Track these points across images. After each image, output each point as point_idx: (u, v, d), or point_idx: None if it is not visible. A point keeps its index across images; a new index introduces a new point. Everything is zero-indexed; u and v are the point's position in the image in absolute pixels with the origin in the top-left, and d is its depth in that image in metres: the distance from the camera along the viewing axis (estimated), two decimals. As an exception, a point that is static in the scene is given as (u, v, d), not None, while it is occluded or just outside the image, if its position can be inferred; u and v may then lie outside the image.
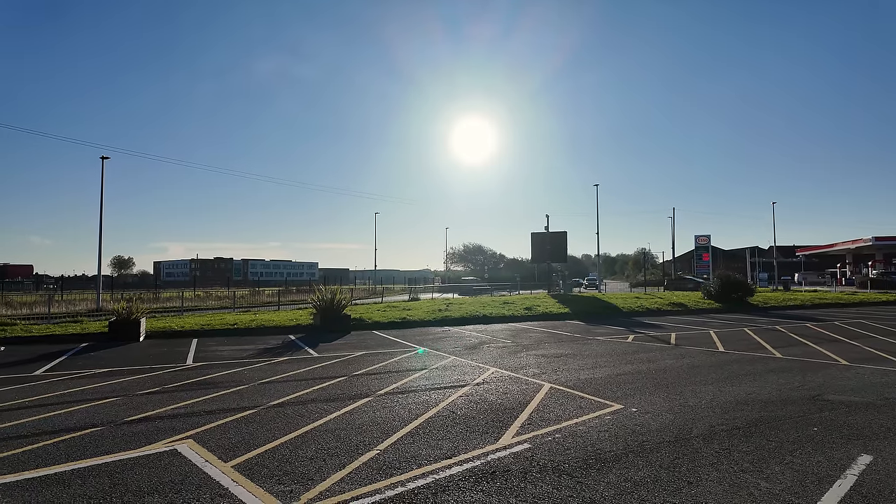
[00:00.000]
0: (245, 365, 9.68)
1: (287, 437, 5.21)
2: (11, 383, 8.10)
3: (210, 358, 10.56)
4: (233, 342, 13.06)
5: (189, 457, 4.67)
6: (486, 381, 8.02)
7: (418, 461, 4.50)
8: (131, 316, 13.40)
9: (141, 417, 6.01)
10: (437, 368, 9.13)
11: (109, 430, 5.51)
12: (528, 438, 5.11)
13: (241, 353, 11.27)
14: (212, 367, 9.42)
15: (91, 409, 6.40)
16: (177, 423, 5.80)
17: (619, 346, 11.86)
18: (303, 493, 3.85)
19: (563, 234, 34.95)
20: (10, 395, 7.23)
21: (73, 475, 4.25)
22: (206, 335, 14.34)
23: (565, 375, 8.41)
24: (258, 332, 15.02)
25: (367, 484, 4.01)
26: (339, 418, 5.92)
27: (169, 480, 4.12)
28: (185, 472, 4.29)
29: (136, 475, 4.23)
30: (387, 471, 4.28)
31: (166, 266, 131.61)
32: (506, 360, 10.05)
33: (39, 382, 8.18)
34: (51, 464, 4.51)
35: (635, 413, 6.07)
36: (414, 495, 3.79)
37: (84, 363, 9.99)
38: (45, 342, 12.92)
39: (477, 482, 4.02)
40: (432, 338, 13.74)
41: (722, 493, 3.81)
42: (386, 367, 9.37)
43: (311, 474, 4.22)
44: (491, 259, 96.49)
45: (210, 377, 8.49)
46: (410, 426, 5.56)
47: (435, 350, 11.45)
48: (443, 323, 17.41)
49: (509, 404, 6.51)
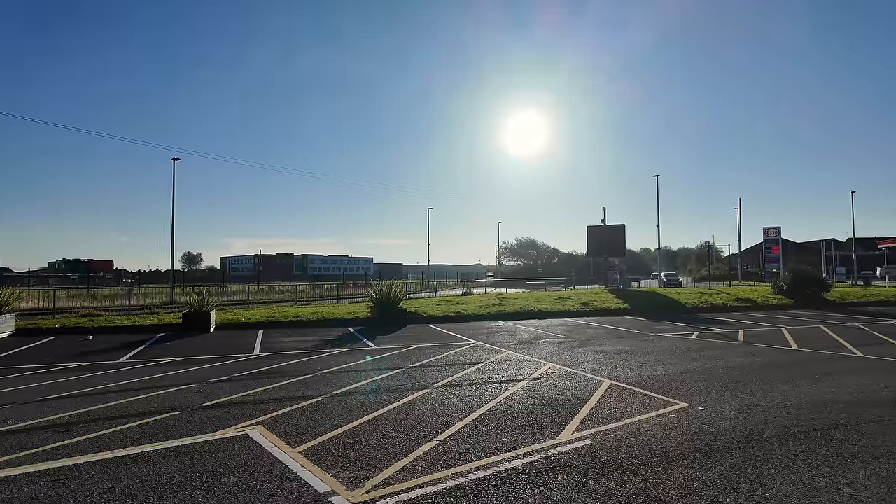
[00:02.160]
0: (308, 355, 10.05)
1: (350, 426, 5.38)
2: (100, 369, 8.80)
3: (275, 348, 11.04)
4: (296, 333, 13.59)
5: (259, 441, 4.91)
6: (543, 376, 7.94)
7: (478, 453, 4.53)
8: (202, 308, 14.23)
9: (215, 403, 6.38)
10: (492, 362, 9.14)
11: (187, 415, 5.88)
12: (589, 435, 5.03)
13: (304, 343, 11.71)
14: (277, 358, 9.84)
15: (170, 395, 6.86)
16: (247, 409, 6.11)
17: (683, 343, 11.43)
18: (367, 479, 3.97)
19: (621, 227, 33.95)
20: (99, 380, 7.86)
21: (157, 455, 4.58)
22: (271, 327, 15.00)
23: (626, 372, 8.20)
24: (319, 325, 15.55)
25: (428, 473, 4.08)
26: (399, 409, 6.04)
27: (242, 463, 4.36)
28: (256, 456, 4.52)
29: (212, 457, 4.51)
30: (447, 461, 4.34)
31: (232, 262, 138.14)
32: (563, 355, 9.92)
33: (124, 369, 8.83)
34: (138, 444, 4.87)
35: (702, 412, 5.84)
36: (475, 486, 3.83)
37: (161, 352, 10.70)
38: (127, 332, 13.93)
39: (538, 476, 4.01)
40: (486, 332, 13.74)
41: (799, 496, 3.62)
42: (442, 359, 9.47)
43: (374, 462, 4.35)
44: (544, 253, 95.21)
45: (276, 367, 8.88)
46: (469, 418, 5.60)
47: (490, 344, 11.45)
48: (497, 318, 17.37)
49: (568, 400, 6.43)
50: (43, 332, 13.74)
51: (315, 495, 3.69)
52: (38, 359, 9.87)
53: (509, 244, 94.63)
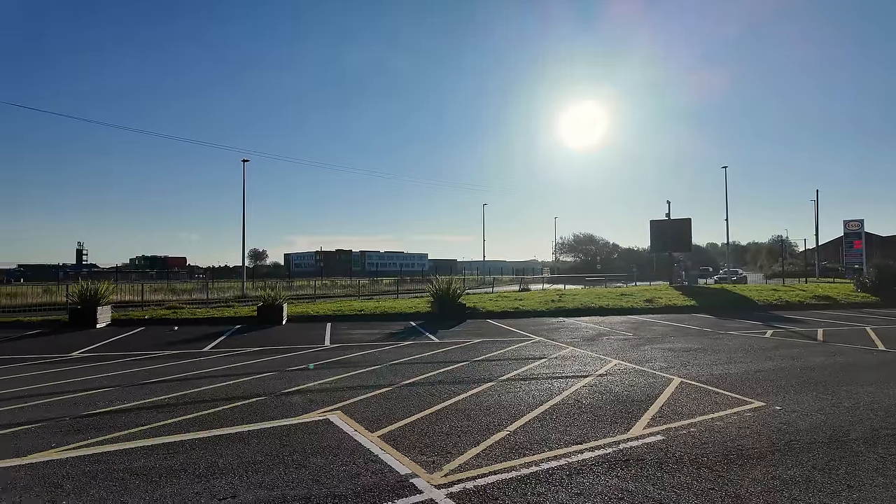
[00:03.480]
0: (375, 347, 10.45)
1: (422, 414, 5.62)
2: (188, 357, 9.55)
3: (344, 340, 11.54)
4: (361, 326, 14.11)
5: (340, 426, 5.24)
6: (609, 372, 7.91)
7: (549, 444, 4.64)
8: (275, 302, 15.04)
9: (295, 390, 6.82)
10: (556, 358, 9.17)
11: (271, 400, 6.33)
12: (661, 431, 5.02)
13: (369, 336, 12.16)
14: (347, 349, 10.30)
15: (254, 382, 7.38)
16: (325, 396, 6.50)
17: (756, 342, 10.97)
18: (444, 464, 4.18)
19: (687, 221, 32.64)
20: (189, 367, 8.55)
21: (250, 435, 5.00)
22: (338, 320, 15.63)
23: (696, 370, 8.02)
24: (382, 318, 16.05)
25: (501, 461, 4.24)
26: (467, 400, 6.23)
27: (327, 445, 4.68)
28: (339, 439, 4.84)
29: (299, 439, 4.86)
30: (519, 451, 4.48)
31: (295, 258, 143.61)
32: (628, 352, 9.79)
33: (208, 357, 9.54)
34: (231, 425, 5.32)
35: (780, 411, 5.67)
36: (549, 475, 3.95)
37: (240, 342, 11.44)
38: (207, 323, 14.94)
39: (611, 468, 4.08)
40: (547, 328, 13.72)
41: (889, 499, 3.50)
42: (504, 354, 9.59)
43: (448, 448, 4.55)
44: (603, 249, 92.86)
45: (347, 357, 9.31)
46: (536, 411, 5.71)
47: (551, 340, 11.45)
48: (556, 314, 17.26)
49: (637, 396, 6.39)
50: (134, 322, 14.98)
51: (397, 476, 3.93)
52: (133, 347, 10.82)
53: (566, 239, 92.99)
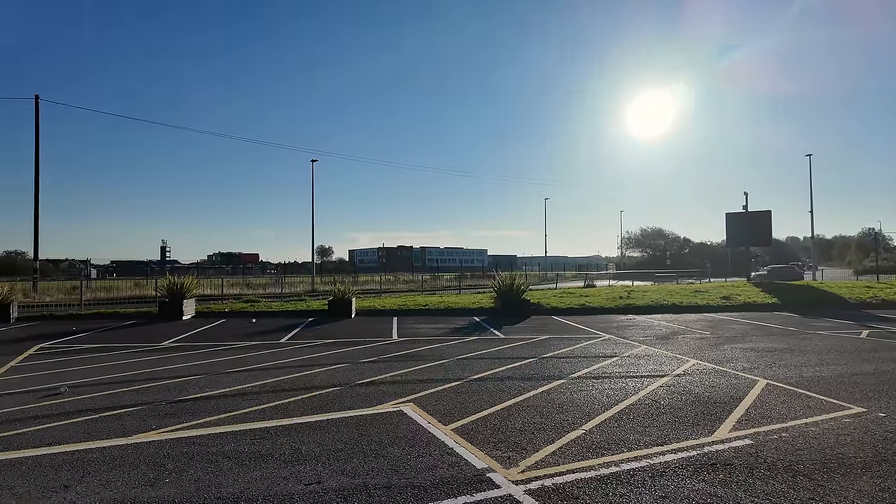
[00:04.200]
0: (441, 342, 10.56)
1: (494, 409, 5.61)
2: (267, 348, 10.05)
3: (411, 334, 11.73)
4: (426, 321, 14.30)
5: (414, 417, 5.34)
6: (687, 372, 7.57)
7: (627, 445, 4.51)
8: (345, 296, 15.54)
9: (368, 381, 7.01)
10: (628, 357, 8.88)
11: (347, 390, 6.54)
12: (749, 434, 4.74)
13: (435, 331, 12.30)
14: (414, 343, 10.47)
15: (329, 372, 7.65)
16: (397, 388, 6.63)
17: (850, 343, 10.13)
18: (519, 460, 4.16)
19: (767, 213, 30.56)
20: (268, 357, 8.99)
21: (329, 423, 5.19)
22: (403, 314, 15.92)
23: (783, 372, 7.51)
24: (446, 313, 16.18)
25: (579, 460, 4.16)
26: (538, 396, 6.16)
27: (402, 436, 4.78)
28: (413, 431, 4.92)
29: (375, 429, 5.00)
30: (596, 450, 4.38)
31: (359, 254, 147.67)
32: (707, 352, 9.32)
33: (285, 348, 9.99)
34: (311, 413, 5.55)
35: (884, 418, 5.21)
36: (630, 476, 3.83)
37: (314, 334, 11.90)
38: (282, 316, 15.66)
39: (696, 472, 3.90)
40: (616, 325, 13.31)
41: None
42: (573, 351, 9.40)
43: (523, 444, 4.52)
44: (673, 243, 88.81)
45: (414, 351, 9.46)
46: (612, 411, 5.56)
47: (622, 338, 11.11)
48: (625, 311, 16.72)
49: (719, 398, 6.08)
50: (216, 314, 15.96)
51: (473, 470, 3.95)
52: (217, 337, 11.52)
53: (633, 234, 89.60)
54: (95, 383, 7.05)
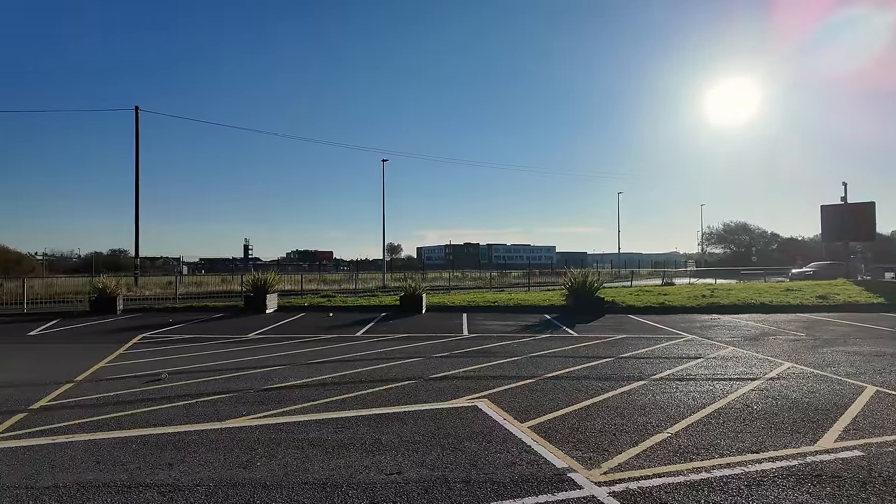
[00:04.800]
0: (512, 339, 10.46)
1: (571, 408, 5.48)
2: (344, 341, 10.41)
3: (481, 331, 11.72)
4: (496, 318, 14.23)
5: (489, 413, 5.31)
6: (781, 376, 7.02)
7: (718, 450, 4.24)
8: (415, 292, 15.81)
9: (441, 376, 7.07)
10: (714, 358, 8.38)
11: (421, 384, 6.63)
12: (859, 445, 4.31)
13: (505, 328, 12.21)
14: (485, 339, 10.45)
15: (403, 366, 7.80)
16: (470, 383, 6.64)
17: (978, 350, 8.99)
18: (601, 461, 4.02)
19: (870, 205, 27.76)
20: (345, 350, 9.31)
21: (405, 416, 5.28)
22: (472, 311, 15.94)
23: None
24: (516, 310, 16.03)
25: (665, 464, 3.96)
26: (618, 397, 5.95)
27: (478, 431, 4.77)
28: (489, 426, 4.90)
29: (451, 423, 5.02)
30: (684, 455, 4.15)
31: (426, 251, 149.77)
32: (803, 354, 8.61)
33: (361, 342, 10.30)
34: (388, 405, 5.67)
35: None
36: (723, 484, 3.60)
37: (387, 329, 12.18)
38: (357, 311, 16.17)
39: (798, 483, 3.60)
40: (699, 325, 12.60)
41: None
42: (653, 352, 8.99)
43: (604, 445, 4.37)
44: (759, 238, 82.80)
45: (486, 347, 9.44)
46: (699, 414, 5.26)
47: (706, 339, 10.50)
48: (708, 310, 15.79)
49: (820, 405, 5.59)
50: (296, 308, 16.74)
51: (553, 469, 3.87)
52: (297, 330, 12.08)
53: (714, 229, 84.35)
54: (191, 371, 7.60)
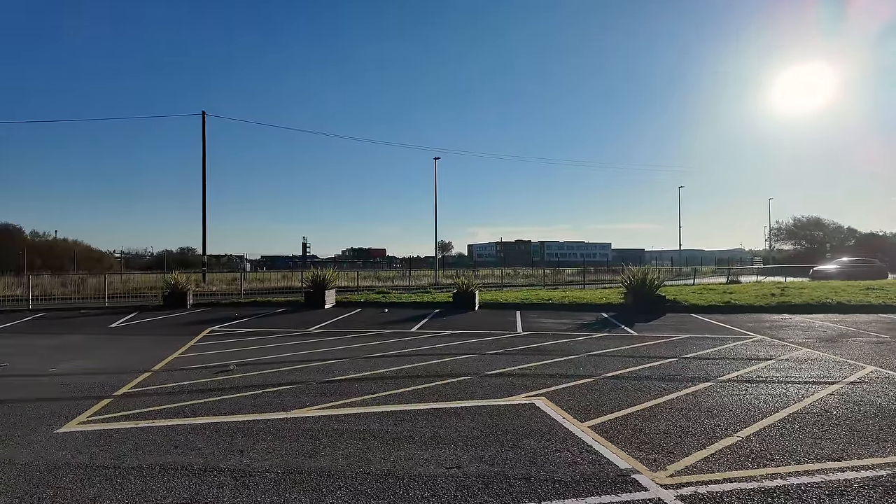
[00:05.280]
0: (568, 337, 10.29)
1: (633, 409, 5.32)
2: (399, 336, 10.58)
3: (535, 328, 11.60)
4: (550, 315, 14.04)
5: (547, 411, 5.25)
6: (864, 380, 6.54)
7: (794, 457, 4.01)
8: (468, 289, 15.84)
9: (497, 373, 7.05)
10: (787, 360, 7.91)
11: (477, 380, 6.64)
12: (959, 458, 3.96)
13: (560, 325, 12.02)
14: (540, 337, 10.33)
15: (458, 362, 7.84)
16: (526, 381, 6.59)
17: None
18: (667, 463, 3.89)
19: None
20: (401, 345, 9.45)
21: (463, 411, 5.30)
22: (526, 308, 15.80)
23: None
24: (570, 308, 15.74)
25: (736, 469, 3.78)
26: (682, 399, 5.73)
27: (536, 429, 4.72)
28: (548, 425, 4.84)
29: (509, 420, 5.00)
30: (757, 460, 3.95)
31: (477, 248, 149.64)
32: (888, 358, 7.99)
33: (416, 337, 10.43)
34: (445, 400, 5.72)
35: None
36: (802, 492, 3.40)
37: (440, 325, 12.28)
38: (411, 307, 16.40)
39: (887, 495, 3.34)
40: (769, 325, 11.93)
41: None
42: (719, 352, 8.60)
43: (669, 448, 4.22)
44: (834, 234, 77.24)
45: (541, 345, 9.33)
46: (771, 418, 4.98)
47: (777, 339, 9.93)
48: (779, 309, 14.91)
49: (911, 412, 5.16)
50: (352, 304, 17.17)
51: (616, 470, 3.78)
52: (355, 325, 12.38)
53: (784, 224, 79.20)
54: (257, 362, 7.95)
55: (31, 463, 4.02)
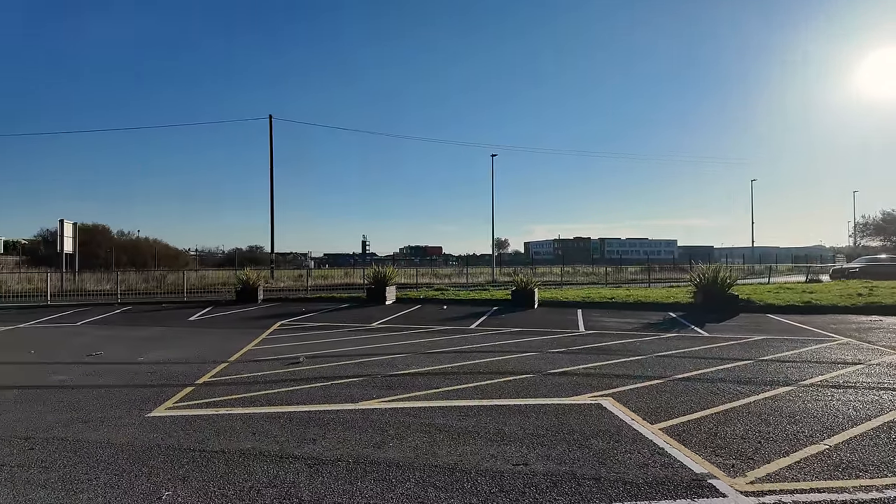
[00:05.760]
0: (634, 337, 9.98)
1: (707, 412, 5.10)
2: (458, 333, 10.64)
3: (598, 327, 11.33)
4: (613, 314, 13.66)
5: (614, 412, 5.12)
6: (972, 389, 5.94)
7: (892, 469, 3.70)
8: (527, 287, 15.71)
9: (560, 371, 6.95)
10: (878, 365, 7.31)
11: (539, 378, 6.57)
12: None
13: (625, 325, 11.68)
14: (603, 336, 10.08)
15: (519, 359, 7.79)
16: (591, 380, 6.45)
17: None
18: (747, 470, 3.70)
19: None
20: (461, 342, 9.51)
21: (526, 408, 5.27)
22: (587, 306, 15.45)
23: None
24: (635, 307, 15.25)
25: (825, 479, 3.54)
26: (761, 403, 5.42)
27: (604, 430, 4.62)
28: (616, 426, 4.73)
29: (575, 419, 4.92)
30: (847, 470, 3.68)
31: (534, 246, 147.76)
32: None
33: (475, 334, 10.45)
34: (507, 397, 5.70)
35: None
36: (903, 507, 3.14)
37: (499, 322, 12.24)
38: (469, 304, 16.45)
39: None
40: (856, 328, 11.05)
41: None
42: (800, 355, 8.06)
43: (748, 454, 4.01)
44: (931, 230, 70.29)
45: (605, 344, 9.11)
46: (863, 426, 4.62)
47: (866, 343, 9.18)
48: (867, 310, 13.77)
49: None
50: (412, 300, 17.45)
51: (691, 474, 3.64)
52: (415, 321, 12.58)
53: (871, 219, 72.91)
54: (324, 355, 8.24)
55: (128, 444, 4.37)
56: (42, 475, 3.74)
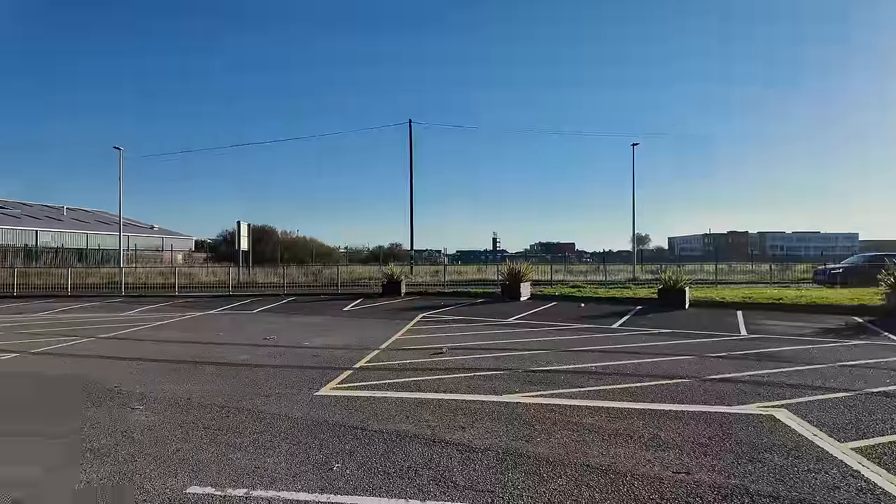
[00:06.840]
0: (808, 343, 8.73)
1: (916, 435, 4.29)
2: (599, 332, 10.24)
3: (763, 332, 10.10)
4: (781, 317, 12.10)
5: (791, 426, 4.53)
6: None
7: None
8: (677, 285, 14.56)
9: (721, 378, 6.33)
10: None
11: (697, 384, 6.06)
12: None
13: (796, 329, 10.27)
14: (769, 342, 8.98)
15: (673, 363, 7.26)
16: (760, 389, 5.78)
17: None
18: (981, 509, 3.04)
19: None
20: (603, 341, 9.14)
21: (685, 415, 4.89)
22: (749, 308, 13.86)
23: None
24: (808, 310, 13.32)
25: None
26: None
27: (780, 444, 4.11)
28: (794, 441, 4.18)
29: (742, 430, 4.45)
30: None
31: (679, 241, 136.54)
32: None
33: (618, 334, 9.97)
34: (660, 401, 5.35)
35: None
36: None
37: (645, 323, 11.51)
38: (608, 302, 15.74)
39: None
40: None
41: None
42: None
43: (981, 489, 3.29)
44: None
45: (773, 351, 8.11)
46: None
47: None
48: None
49: None
50: (547, 297, 17.19)
51: None
52: (551, 318, 12.37)
53: None
54: (465, 347, 8.48)
55: (301, 418, 4.91)
56: (237, 439, 4.37)
